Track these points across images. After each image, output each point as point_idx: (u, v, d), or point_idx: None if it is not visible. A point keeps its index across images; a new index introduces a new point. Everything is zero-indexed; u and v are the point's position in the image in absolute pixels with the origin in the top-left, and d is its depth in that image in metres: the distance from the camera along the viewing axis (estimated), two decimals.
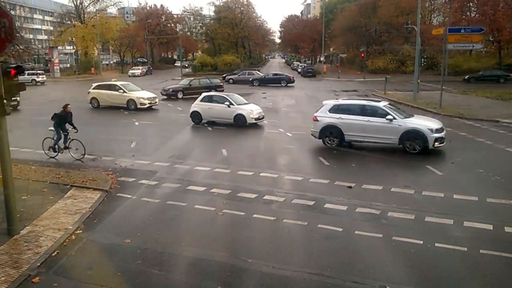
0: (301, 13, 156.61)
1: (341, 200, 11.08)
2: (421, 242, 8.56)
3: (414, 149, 15.59)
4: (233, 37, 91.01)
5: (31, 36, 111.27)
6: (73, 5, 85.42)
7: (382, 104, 16.78)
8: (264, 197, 11.36)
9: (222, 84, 39.70)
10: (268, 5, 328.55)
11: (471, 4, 53.23)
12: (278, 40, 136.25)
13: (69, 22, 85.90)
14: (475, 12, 52.76)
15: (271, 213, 10.27)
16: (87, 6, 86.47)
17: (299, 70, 76.64)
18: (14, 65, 8.93)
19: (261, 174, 13.52)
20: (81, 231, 9.31)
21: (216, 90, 37.26)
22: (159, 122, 24.79)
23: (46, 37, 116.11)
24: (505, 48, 53.08)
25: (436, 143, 15.46)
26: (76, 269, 7.87)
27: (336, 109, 17.09)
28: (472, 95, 35.48)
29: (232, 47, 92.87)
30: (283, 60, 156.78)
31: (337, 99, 21.59)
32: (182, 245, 8.65)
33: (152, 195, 11.68)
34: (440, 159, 15.28)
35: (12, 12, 73.01)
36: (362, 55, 64.12)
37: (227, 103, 22.37)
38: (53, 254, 8.17)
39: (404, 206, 10.57)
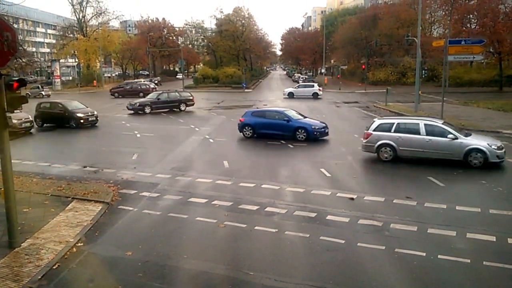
0: (302, 25, 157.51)
1: (343, 212, 11.05)
2: (424, 254, 8.52)
3: None
4: (234, 49, 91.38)
5: (34, 49, 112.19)
6: (75, 19, 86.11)
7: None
8: (266, 209, 11.33)
9: (192, 97, 37.54)
10: (269, 18, 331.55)
11: (471, 16, 53.45)
12: (279, 52, 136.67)
13: (71, 35, 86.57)
14: (475, 24, 52.95)
15: (273, 225, 10.23)
16: (90, 19, 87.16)
17: (300, 82, 76.93)
18: (16, 78, 8.99)
19: (262, 186, 13.50)
20: (82, 244, 9.28)
21: (186, 104, 36.63)
22: (160, 134, 24.83)
23: (48, 50, 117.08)
24: (505, 59, 53.20)
25: None
26: (77, 282, 7.84)
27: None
28: (473, 106, 35.49)
29: (234, 59, 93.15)
30: (284, 72, 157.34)
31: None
32: (184, 258, 8.61)
33: (153, 207, 11.66)
34: (442, 170, 15.23)
35: (15, 26, 73.66)
36: (363, 67, 64.30)
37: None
38: (54, 267, 8.14)
39: (406, 217, 10.53)
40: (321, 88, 51.18)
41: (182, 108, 36.27)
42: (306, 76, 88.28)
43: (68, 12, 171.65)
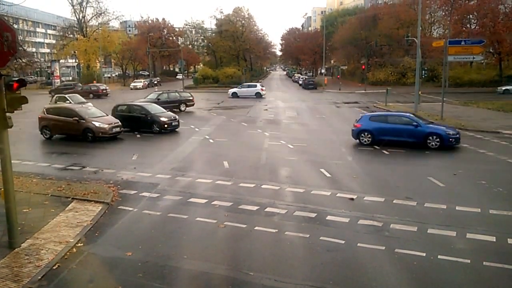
0: (302, 26, 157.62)
1: (343, 212, 11.05)
2: (424, 254, 8.52)
3: None
4: (234, 49, 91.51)
5: (34, 50, 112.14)
6: (75, 19, 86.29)
7: None
8: (266, 209, 11.32)
9: (192, 98, 37.77)
10: (269, 18, 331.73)
11: (471, 16, 53.63)
12: (279, 53, 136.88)
13: (71, 35, 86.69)
14: (475, 24, 53.12)
15: (273, 226, 10.22)
16: (90, 19, 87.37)
17: (300, 82, 76.98)
18: (16, 79, 8.99)
19: (262, 186, 13.49)
20: (82, 244, 9.27)
21: (186, 105, 36.67)
22: (160, 134, 24.78)
23: (48, 50, 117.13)
24: (505, 59, 53.32)
25: None
26: (77, 282, 7.84)
27: None
28: (473, 107, 35.54)
29: (234, 59, 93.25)
30: (284, 72, 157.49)
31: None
32: (184, 258, 8.61)
33: (153, 208, 11.65)
34: (442, 170, 15.24)
35: (15, 26, 73.63)
36: (363, 67, 64.34)
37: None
38: (54, 267, 8.13)
39: (406, 218, 10.53)
40: (264, 88, 53.71)
41: (182, 108, 36.31)
42: (306, 77, 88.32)
43: (68, 12, 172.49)
